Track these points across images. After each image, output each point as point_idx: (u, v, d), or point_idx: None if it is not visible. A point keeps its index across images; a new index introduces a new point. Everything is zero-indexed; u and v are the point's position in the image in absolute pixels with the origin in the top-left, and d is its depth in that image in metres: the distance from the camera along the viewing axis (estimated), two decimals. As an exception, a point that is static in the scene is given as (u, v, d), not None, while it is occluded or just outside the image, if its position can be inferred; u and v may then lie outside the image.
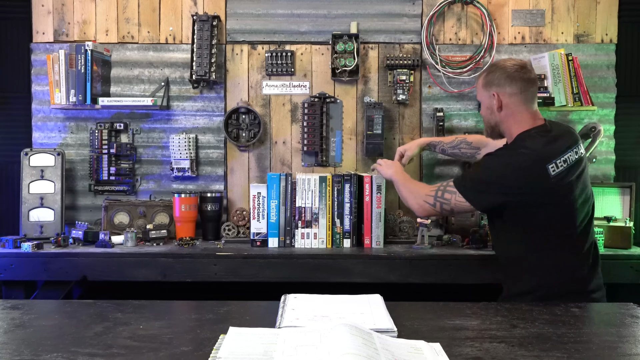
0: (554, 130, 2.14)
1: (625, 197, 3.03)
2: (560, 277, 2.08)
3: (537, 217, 2.08)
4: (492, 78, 2.19)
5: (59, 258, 2.67)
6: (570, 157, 2.07)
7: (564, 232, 2.11)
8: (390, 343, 1.22)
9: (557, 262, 2.09)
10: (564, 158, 2.05)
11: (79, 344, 1.27)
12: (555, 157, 2.04)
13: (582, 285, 2.09)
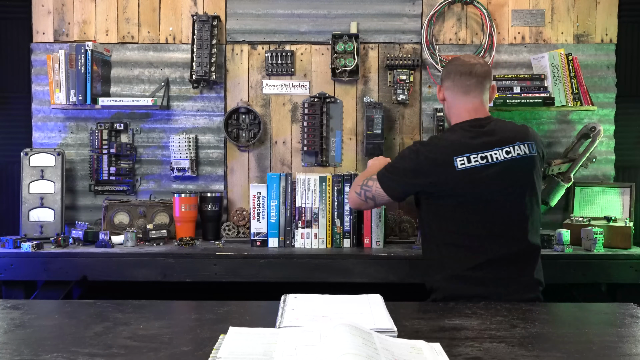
0: (491, 127, 2.08)
1: (625, 197, 3.03)
2: (459, 280, 2.02)
3: (447, 210, 2.05)
4: (442, 72, 2.30)
5: (59, 258, 2.67)
6: (495, 156, 2.02)
7: (475, 232, 2.03)
8: (390, 343, 1.22)
9: (459, 261, 2.03)
10: (483, 155, 2.01)
11: (79, 344, 1.27)
12: (470, 151, 2.02)
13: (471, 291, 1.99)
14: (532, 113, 3.19)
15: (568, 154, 3.10)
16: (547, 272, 2.65)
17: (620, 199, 3.04)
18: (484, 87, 2.18)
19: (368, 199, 2.22)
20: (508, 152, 2.03)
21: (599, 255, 2.68)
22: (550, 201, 3.03)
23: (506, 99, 3.00)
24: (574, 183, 3.09)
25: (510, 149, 2.04)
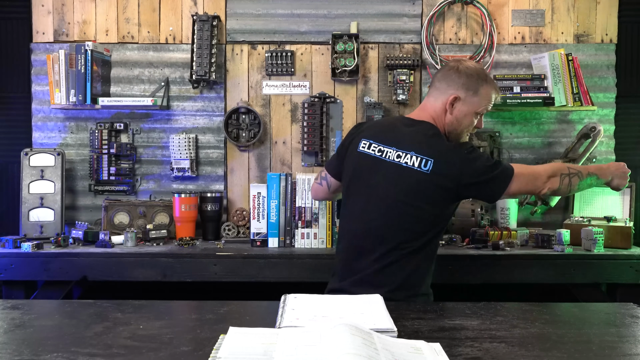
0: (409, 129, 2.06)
1: (625, 197, 3.03)
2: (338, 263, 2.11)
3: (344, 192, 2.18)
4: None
5: (59, 258, 2.67)
6: (389, 153, 2.01)
7: (344, 217, 2.14)
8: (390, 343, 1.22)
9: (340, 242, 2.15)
10: (382, 148, 2.03)
11: (79, 344, 1.27)
12: (375, 140, 2.05)
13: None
14: (532, 113, 3.19)
15: (568, 154, 3.10)
16: (547, 272, 2.66)
17: (620, 199, 3.04)
18: (436, 91, 2.11)
19: (322, 179, 2.33)
20: (399, 156, 1.99)
21: (599, 255, 2.67)
22: (550, 201, 3.03)
23: (506, 99, 3.00)
24: (574, 183, 3.08)
25: (402, 155, 1.99)
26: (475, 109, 2.07)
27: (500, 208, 3.05)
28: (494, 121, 3.22)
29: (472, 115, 2.08)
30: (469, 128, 2.12)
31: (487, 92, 2.07)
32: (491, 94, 2.09)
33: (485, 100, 2.08)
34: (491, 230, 2.82)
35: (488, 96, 2.08)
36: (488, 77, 2.11)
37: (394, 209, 1.98)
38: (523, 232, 2.87)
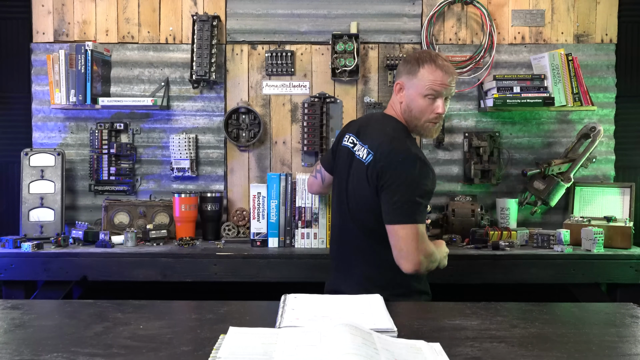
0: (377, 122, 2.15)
1: (625, 197, 3.03)
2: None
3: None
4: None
5: (59, 258, 2.67)
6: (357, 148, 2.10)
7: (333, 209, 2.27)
8: (390, 343, 1.22)
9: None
10: (355, 142, 2.13)
11: (79, 344, 1.27)
12: (354, 134, 2.15)
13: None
14: (532, 113, 3.19)
15: (568, 154, 3.10)
16: (547, 272, 2.66)
17: (620, 199, 3.04)
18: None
19: (317, 172, 2.44)
20: (359, 149, 2.09)
21: (599, 255, 2.68)
22: (550, 201, 3.03)
23: (506, 99, 3.00)
24: (574, 183, 3.09)
25: (361, 148, 2.08)
26: (419, 91, 2.04)
27: (500, 208, 3.05)
28: (494, 121, 3.22)
29: (419, 98, 2.04)
30: (426, 115, 2.05)
31: (427, 72, 2.03)
32: (431, 73, 2.02)
33: (426, 80, 2.02)
34: (491, 230, 2.82)
35: (428, 76, 2.02)
36: (431, 58, 2.05)
37: (358, 201, 2.07)
38: (523, 232, 2.87)
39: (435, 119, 2.07)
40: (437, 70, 2.03)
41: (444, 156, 3.22)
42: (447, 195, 3.18)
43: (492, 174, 3.15)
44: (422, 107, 2.05)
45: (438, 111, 2.05)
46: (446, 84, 2.04)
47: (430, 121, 2.07)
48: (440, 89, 2.03)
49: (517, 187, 3.20)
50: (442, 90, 2.04)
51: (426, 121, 2.07)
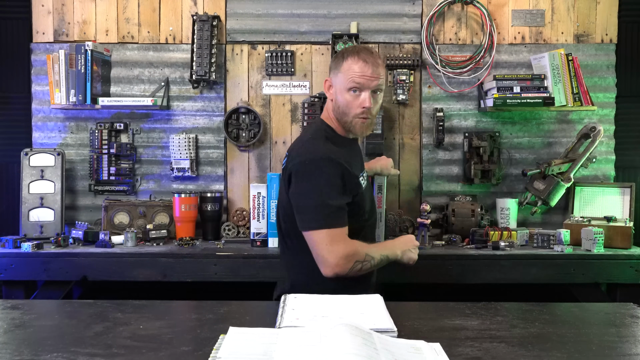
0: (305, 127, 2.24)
1: (625, 197, 3.03)
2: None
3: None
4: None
5: (59, 258, 2.67)
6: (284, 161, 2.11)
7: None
8: (390, 343, 1.22)
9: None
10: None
11: (79, 344, 1.27)
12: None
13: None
14: (532, 113, 3.19)
15: (568, 154, 3.10)
16: (547, 272, 2.66)
17: (620, 199, 3.04)
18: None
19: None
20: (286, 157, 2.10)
21: (599, 255, 2.68)
22: (550, 201, 3.03)
23: (506, 99, 3.00)
24: (574, 183, 3.09)
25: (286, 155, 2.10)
26: (344, 84, 1.99)
27: (500, 208, 3.05)
28: (494, 121, 3.22)
29: (345, 92, 1.99)
30: (353, 109, 2.00)
31: (349, 64, 1.98)
32: (353, 65, 1.98)
33: (348, 73, 1.98)
34: (491, 230, 2.82)
35: (350, 68, 1.98)
36: (355, 51, 2.01)
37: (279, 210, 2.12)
38: (523, 232, 2.87)
39: (362, 113, 2.00)
40: (359, 62, 1.97)
41: (444, 156, 3.22)
42: (447, 195, 3.18)
43: (492, 174, 3.15)
44: (347, 102, 1.99)
45: (364, 105, 1.98)
46: (368, 76, 1.97)
47: (358, 116, 2.00)
48: (363, 80, 1.97)
49: (517, 187, 3.20)
50: (365, 82, 1.97)
51: (354, 117, 2.01)
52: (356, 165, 2.08)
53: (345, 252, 1.89)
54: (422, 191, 3.22)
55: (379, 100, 2.04)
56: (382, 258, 2.00)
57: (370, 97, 1.99)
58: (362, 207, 2.05)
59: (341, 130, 2.07)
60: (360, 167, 2.14)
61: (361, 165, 2.17)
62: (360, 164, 2.16)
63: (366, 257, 1.93)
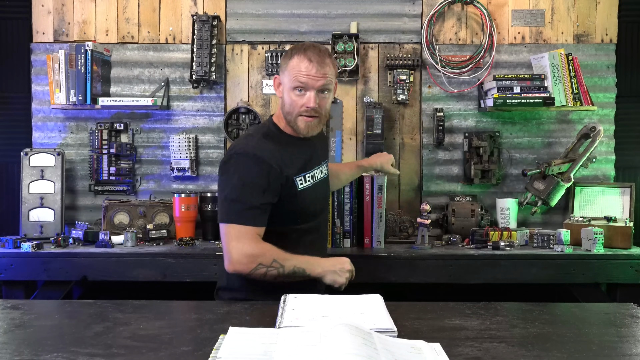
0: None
1: (625, 197, 3.03)
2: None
3: None
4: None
5: (59, 258, 2.67)
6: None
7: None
8: (390, 343, 1.22)
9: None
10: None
11: (79, 344, 1.27)
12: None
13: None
14: (532, 113, 3.19)
15: (568, 154, 3.10)
16: (547, 272, 2.67)
17: (620, 199, 3.04)
18: None
19: None
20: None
21: (599, 255, 2.68)
22: (550, 201, 3.03)
23: (506, 99, 3.00)
24: (574, 183, 3.09)
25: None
26: (289, 83, 1.94)
27: (500, 208, 3.05)
28: (494, 121, 3.22)
29: (290, 91, 1.94)
30: (297, 109, 1.94)
31: (294, 62, 1.93)
32: (298, 63, 1.92)
33: (293, 72, 1.92)
34: (491, 230, 2.82)
35: (295, 67, 1.92)
36: (302, 49, 1.95)
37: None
38: (523, 232, 2.87)
39: (306, 112, 1.94)
40: (305, 61, 1.91)
41: (444, 156, 3.22)
42: (447, 195, 3.18)
43: (492, 174, 3.15)
44: (292, 101, 1.94)
45: (308, 105, 1.92)
46: (313, 75, 1.90)
47: (302, 115, 1.94)
48: (308, 80, 1.91)
49: (517, 187, 3.20)
50: (310, 82, 1.91)
51: (298, 115, 1.95)
52: (298, 165, 1.98)
53: (249, 252, 1.85)
54: (422, 191, 3.22)
55: (328, 99, 1.97)
56: (295, 270, 1.88)
57: (316, 96, 1.92)
58: (297, 210, 1.98)
59: (290, 130, 2.01)
60: (307, 167, 2.02)
61: (311, 165, 2.04)
62: (310, 163, 2.04)
63: (273, 263, 1.85)
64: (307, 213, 2.02)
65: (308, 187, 2.00)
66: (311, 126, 1.96)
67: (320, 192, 2.08)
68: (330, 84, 1.96)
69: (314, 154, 2.07)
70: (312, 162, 2.05)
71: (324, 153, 2.19)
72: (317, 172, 2.07)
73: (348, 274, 1.96)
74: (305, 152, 2.04)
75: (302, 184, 1.98)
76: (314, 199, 2.03)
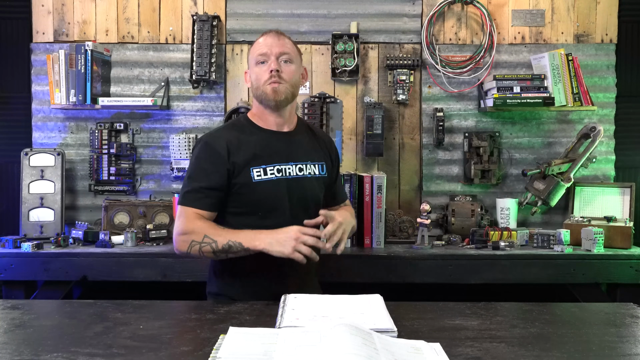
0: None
1: (625, 197, 3.03)
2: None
3: None
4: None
5: (59, 258, 2.67)
6: None
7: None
8: (390, 343, 1.22)
9: None
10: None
11: (79, 344, 1.27)
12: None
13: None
14: (532, 113, 3.19)
15: (568, 154, 3.10)
16: (547, 272, 2.67)
17: (620, 199, 3.04)
18: None
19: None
20: None
21: (599, 255, 2.68)
22: (550, 201, 3.03)
23: (506, 99, 3.00)
24: (574, 183, 3.09)
25: None
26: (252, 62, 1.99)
27: (500, 208, 3.05)
28: (494, 121, 3.22)
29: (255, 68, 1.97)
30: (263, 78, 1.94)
31: (254, 45, 2.00)
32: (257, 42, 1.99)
33: (254, 50, 1.99)
34: (491, 230, 2.82)
35: (255, 46, 1.99)
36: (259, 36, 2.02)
37: None
38: (523, 232, 2.87)
39: (270, 78, 1.93)
40: (262, 37, 2.00)
41: (444, 156, 3.22)
42: (447, 195, 3.18)
43: (492, 174, 3.15)
44: (257, 74, 1.96)
45: (271, 68, 1.93)
46: (269, 44, 1.95)
47: (267, 83, 1.94)
48: (266, 49, 1.95)
49: (517, 187, 3.20)
50: (268, 50, 1.94)
51: (264, 84, 1.94)
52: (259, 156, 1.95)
53: (182, 230, 1.88)
54: (422, 191, 3.22)
55: (293, 69, 1.97)
56: (230, 244, 1.83)
57: (277, 62, 1.94)
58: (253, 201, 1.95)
59: (263, 121, 2.00)
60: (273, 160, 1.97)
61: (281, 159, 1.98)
62: (279, 157, 1.98)
63: (205, 238, 1.84)
64: (266, 207, 1.95)
65: (269, 179, 1.94)
66: (278, 91, 1.93)
67: (291, 189, 1.98)
68: (291, 54, 1.97)
69: (293, 149, 2.01)
70: (284, 157, 1.99)
71: (317, 153, 2.09)
72: (291, 169, 1.99)
73: (293, 242, 1.79)
74: (276, 146, 1.99)
75: (259, 176, 1.94)
76: (277, 193, 1.95)
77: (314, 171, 2.05)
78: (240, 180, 1.93)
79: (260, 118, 2.01)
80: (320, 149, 2.12)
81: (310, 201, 2.02)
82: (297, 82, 2.00)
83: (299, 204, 2.00)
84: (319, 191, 2.06)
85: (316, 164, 2.06)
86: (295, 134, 2.05)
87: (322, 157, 2.10)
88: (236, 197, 1.94)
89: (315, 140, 2.12)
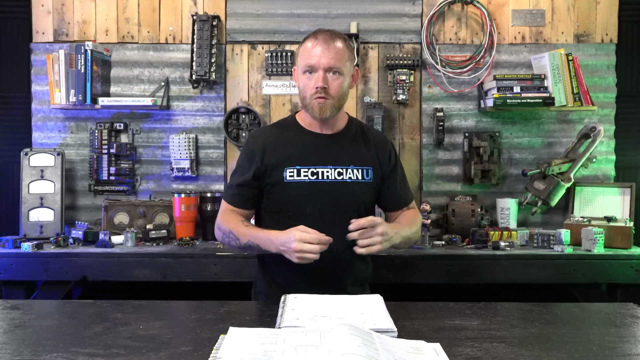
0: None
1: (625, 197, 3.03)
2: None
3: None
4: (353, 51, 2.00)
5: (59, 258, 2.67)
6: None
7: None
8: (390, 343, 1.22)
9: None
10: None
11: (79, 344, 1.27)
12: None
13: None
14: (532, 113, 3.19)
15: (568, 154, 3.10)
16: (547, 272, 2.67)
17: (620, 199, 3.04)
18: None
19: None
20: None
21: (599, 255, 2.68)
22: (550, 201, 3.03)
23: (506, 99, 3.00)
24: (574, 183, 3.09)
25: None
26: (300, 68, 1.93)
27: (500, 208, 3.05)
28: (494, 121, 3.22)
29: (301, 76, 1.93)
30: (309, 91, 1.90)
31: (304, 48, 1.93)
32: (307, 47, 1.91)
33: (302, 56, 1.92)
34: (491, 230, 2.82)
35: (304, 51, 1.92)
36: (312, 34, 1.94)
37: None
38: (523, 232, 2.87)
39: (316, 94, 1.88)
40: (312, 42, 1.90)
41: (444, 156, 3.22)
42: (447, 195, 3.18)
43: (492, 174, 3.15)
44: (304, 84, 1.92)
45: (317, 85, 1.87)
46: (319, 55, 1.87)
47: (313, 97, 1.89)
48: (314, 61, 1.87)
49: (517, 187, 3.20)
50: (316, 62, 1.87)
51: (310, 98, 1.90)
52: (295, 157, 1.93)
53: (217, 222, 1.98)
54: (422, 191, 3.22)
55: (341, 82, 1.90)
56: (250, 244, 1.88)
57: (324, 77, 1.87)
58: (283, 201, 1.94)
59: (308, 122, 1.99)
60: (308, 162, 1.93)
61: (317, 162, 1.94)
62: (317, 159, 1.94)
63: (230, 234, 1.92)
64: (296, 208, 1.92)
65: (302, 181, 1.92)
66: (323, 108, 1.89)
67: (325, 193, 1.93)
68: (340, 65, 1.89)
69: (334, 153, 1.96)
70: (322, 159, 1.94)
71: (363, 157, 2.00)
72: (330, 172, 1.94)
73: (297, 253, 1.75)
74: (316, 148, 1.96)
75: (291, 176, 1.92)
76: (308, 196, 1.92)
77: (356, 176, 1.97)
78: (273, 179, 1.94)
79: (305, 119, 2.00)
80: (368, 152, 2.02)
81: (349, 206, 1.94)
82: (344, 94, 1.94)
83: (334, 208, 1.93)
84: (362, 197, 1.98)
85: (360, 169, 1.98)
86: (341, 136, 1.99)
87: (368, 162, 2.00)
88: (269, 195, 1.96)
89: (364, 142, 2.02)
